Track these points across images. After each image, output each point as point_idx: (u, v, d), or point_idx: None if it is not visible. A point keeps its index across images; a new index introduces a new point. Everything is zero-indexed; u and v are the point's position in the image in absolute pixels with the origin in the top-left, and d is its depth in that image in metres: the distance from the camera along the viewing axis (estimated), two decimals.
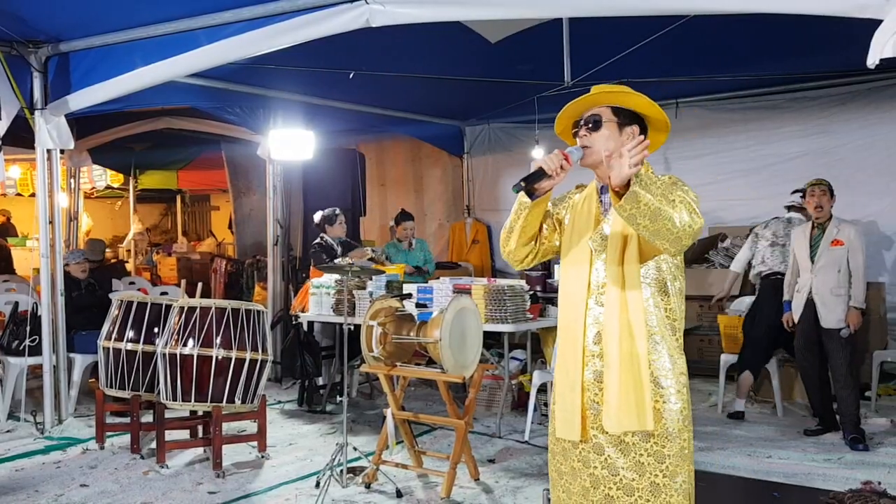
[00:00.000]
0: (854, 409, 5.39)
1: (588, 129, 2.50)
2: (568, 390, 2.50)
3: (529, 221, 2.50)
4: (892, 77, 6.97)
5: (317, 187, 8.82)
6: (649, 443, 2.42)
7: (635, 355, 2.42)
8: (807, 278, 5.52)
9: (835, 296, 5.40)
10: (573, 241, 2.55)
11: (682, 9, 4.04)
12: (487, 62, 6.98)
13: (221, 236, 15.23)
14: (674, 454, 2.44)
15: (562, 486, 2.56)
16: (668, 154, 8.52)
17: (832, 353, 5.42)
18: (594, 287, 2.49)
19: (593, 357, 2.47)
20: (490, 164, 10.01)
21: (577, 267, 2.53)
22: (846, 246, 5.38)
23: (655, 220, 2.21)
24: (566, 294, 2.56)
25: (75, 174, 10.81)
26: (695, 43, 6.18)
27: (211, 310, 4.92)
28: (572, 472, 2.52)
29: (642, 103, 2.53)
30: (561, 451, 2.55)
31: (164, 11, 5.20)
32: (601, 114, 2.50)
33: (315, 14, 4.66)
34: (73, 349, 6.26)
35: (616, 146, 2.44)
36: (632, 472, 2.42)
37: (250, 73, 6.72)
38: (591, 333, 2.48)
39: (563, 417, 2.50)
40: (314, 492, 4.45)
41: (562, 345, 2.56)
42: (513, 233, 2.53)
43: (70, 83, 5.91)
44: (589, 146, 2.48)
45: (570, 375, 2.50)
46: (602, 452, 2.46)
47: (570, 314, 2.53)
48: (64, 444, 5.55)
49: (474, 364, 4.56)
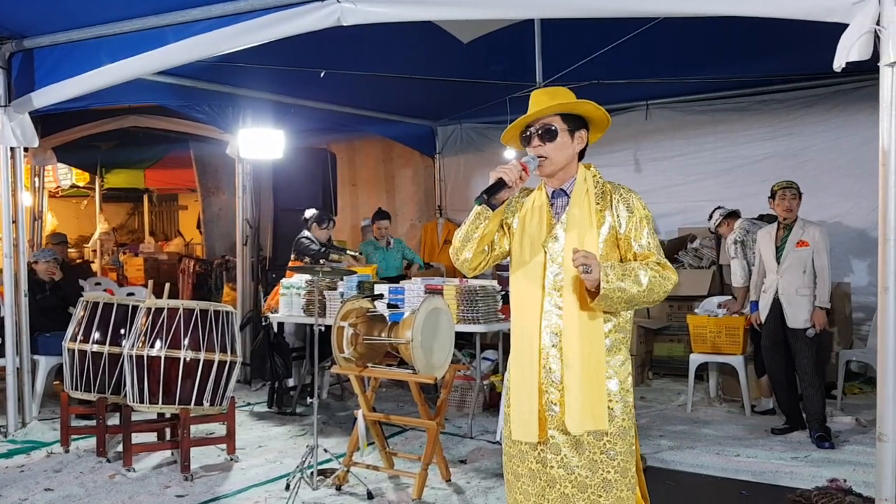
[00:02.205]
0: (820, 408, 5.47)
1: (541, 138, 2.54)
2: (525, 393, 2.53)
3: (489, 230, 2.55)
4: (858, 80, 7.08)
5: (287, 187, 8.76)
6: (602, 441, 2.50)
7: (594, 356, 2.49)
8: (773, 279, 5.59)
9: (800, 296, 5.47)
10: (525, 246, 2.59)
11: (652, 11, 4.07)
12: (460, 62, 6.98)
13: (189, 236, 15.07)
14: (624, 451, 2.53)
15: (519, 489, 2.60)
16: (638, 155, 8.61)
17: (798, 352, 5.49)
18: (549, 290, 2.52)
19: (549, 359, 2.51)
20: (462, 164, 10.01)
21: (530, 271, 2.57)
22: (811, 247, 5.46)
23: (630, 304, 2.46)
24: (520, 297, 2.60)
25: (39, 173, 10.65)
26: (665, 45, 6.24)
27: (179, 311, 4.86)
28: (531, 474, 2.57)
29: (590, 109, 2.59)
30: (518, 453, 2.60)
31: (131, 8, 5.13)
32: (553, 123, 2.55)
33: (286, 12, 4.62)
34: (37, 351, 6.16)
35: (569, 153, 2.56)
36: (585, 469, 2.50)
37: (219, 71, 6.66)
38: (547, 336, 2.52)
39: (521, 420, 2.54)
40: (284, 494, 4.41)
41: (517, 348, 2.59)
42: (469, 242, 2.56)
43: (34, 80, 5.81)
44: (544, 156, 2.54)
45: (527, 378, 2.54)
46: (559, 452, 2.51)
47: (524, 317, 2.57)
48: (28, 448, 5.45)
49: (446, 365, 4.55)
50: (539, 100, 2.55)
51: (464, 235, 2.58)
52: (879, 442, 3.28)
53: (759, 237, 5.79)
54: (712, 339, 6.35)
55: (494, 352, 6.59)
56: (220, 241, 11.35)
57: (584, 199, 2.55)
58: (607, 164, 7.87)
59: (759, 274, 5.81)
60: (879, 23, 3.18)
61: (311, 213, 7.08)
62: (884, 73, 3.24)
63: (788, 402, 5.71)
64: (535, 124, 2.55)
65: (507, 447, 2.65)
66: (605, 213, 2.54)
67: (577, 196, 2.55)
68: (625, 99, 8.21)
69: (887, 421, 3.26)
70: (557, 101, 2.54)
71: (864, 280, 7.31)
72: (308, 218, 7.04)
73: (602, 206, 2.55)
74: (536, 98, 2.57)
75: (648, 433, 5.69)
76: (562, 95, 2.57)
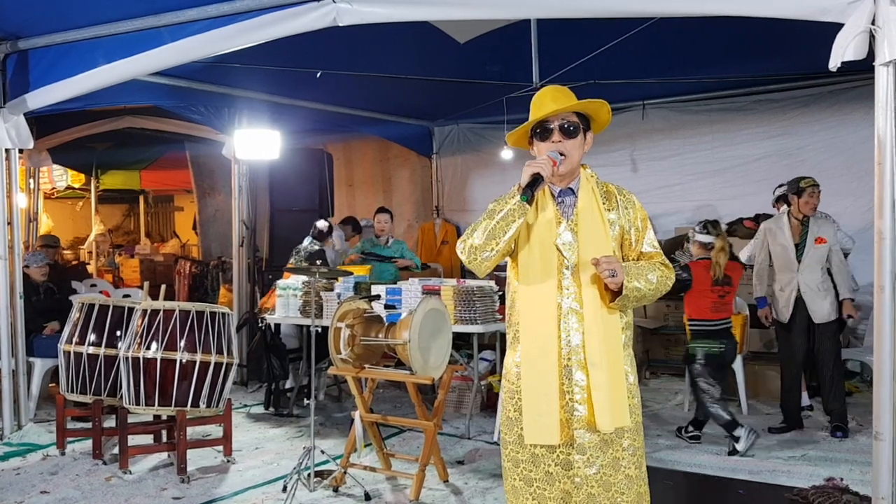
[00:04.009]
0: (843, 402, 5.56)
1: (564, 133, 2.52)
2: (542, 395, 2.49)
3: (518, 228, 2.47)
4: (854, 80, 7.09)
5: (283, 188, 8.75)
6: (623, 438, 2.51)
7: (615, 353, 2.50)
8: (791, 277, 5.56)
9: (823, 290, 5.51)
10: (534, 246, 2.54)
11: (648, 11, 4.07)
12: (456, 63, 6.98)
13: (185, 237, 15.03)
14: (640, 446, 2.57)
15: (531, 494, 2.55)
16: (634, 155, 8.61)
17: (823, 347, 5.53)
18: (566, 289, 2.50)
19: (571, 359, 2.49)
20: (459, 164, 10.01)
21: (543, 270, 2.53)
22: (828, 244, 5.51)
23: (640, 302, 2.56)
24: (533, 297, 2.54)
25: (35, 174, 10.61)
26: (661, 45, 6.24)
27: (175, 312, 4.84)
28: (547, 478, 2.52)
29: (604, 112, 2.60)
30: (531, 457, 2.55)
31: (127, 8, 5.12)
32: (576, 120, 2.54)
33: (282, 12, 4.62)
34: (33, 353, 6.15)
35: (582, 153, 2.57)
36: (609, 468, 2.50)
37: (215, 72, 6.64)
38: (566, 336, 2.49)
39: (538, 422, 2.49)
40: (281, 496, 4.40)
41: (530, 350, 2.53)
42: (494, 241, 2.43)
43: (29, 81, 5.80)
44: (566, 154, 2.51)
45: (545, 379, 2.49)
46: (585, 452, 2.49)
47: (539, 317, 2.52)
48: (24, 451, 5.43)
49: (443, 365, 4.54)
50: (555, 97, 2.53)
51: (489, 233, 2.43)
52: (876, 441, 3.29)
53: (772, 232, 5.71)
54: None
55: (492, 352, 6.59)
56: (216, 242, 11.33)
57: (591, 197, 2.55)
58: (604, 164, 7.90)
59: (764, 269, 5.77)
60: (875, 22, 3.19)
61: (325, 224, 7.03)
62: (879, 73, 3.24)
63: (797, 400, 5.74)
64: (557, 119, 2.52)
65: (513, 453, 2.58)
66: (613, 213, 2.57)
67: (584, 194, 2.55)
68: (621, 99, 8.22)
69: (884, 420, 3.26)
70: (572, 99, 2.53)
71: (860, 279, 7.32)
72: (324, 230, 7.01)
73: (609, 206, 2.57)
74: (551, 95, 2.54)
75: (646, 432, 5.60)
76: (572, 95, 2.57)
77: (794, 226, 5.61)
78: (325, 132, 9.43)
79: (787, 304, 5.61)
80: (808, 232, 5.54)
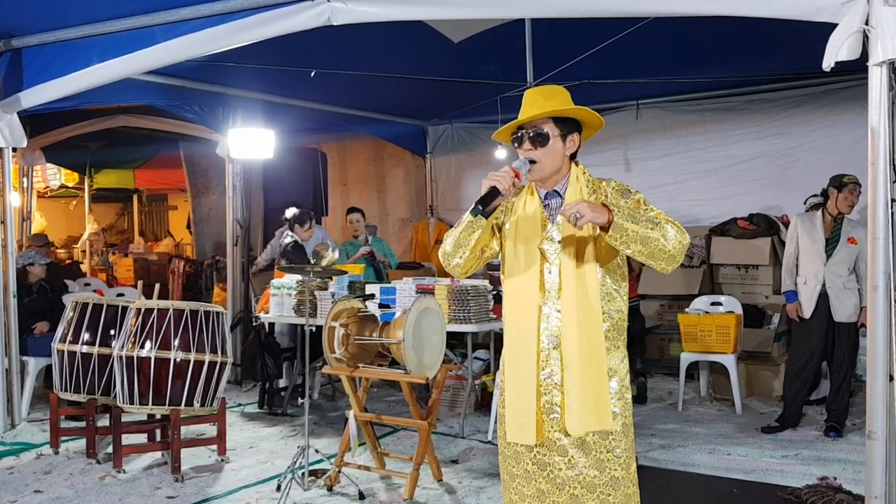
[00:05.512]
0: (847, 403, 5.58)
1: (533, 142, 2.50)
2: (521, 395, 2.51)
3: (482, 238, 2.53)
4: (847, 80, 7.10)
5: (278, 187, 8.75)
6: (607, 440, 2.50)
7: (594, 357, 2.47)
8: (817, 269, 5.53)
9: (847, 289, 5.49)
10: (519, 249, 2.55)
11: (642, 11, 4.08)
12: (450, 62, 6.98)
13: (179, 236, 15.00)
14: (628, 448, 2.53)
15: (514, 489, 2.60)
16: (628, 155, 8.62)
17: (841, 345, 5.51)
18: (548, 291, 2.50)
19: (549, 361, 2.49)
20: (453, 164, 10.00)
21: (526, 274, 2.53)
22: (858, 246, 5.48)
23: (646, 243, 2.35)
24: (516, 298, 2.56)
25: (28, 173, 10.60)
26: (655, 45, 6.25)
27: (169, 311, 4.83)
28: (525, 476, 2.56)
29: (585, 116, 2.55)
30: (513, 454, 2.58)
31: (121, 7, 5.11)
32: (545, 127, 2.50)
33: (275, 11, 4.61)
34: (27, 352, 6.13)
35: (559, 158, 2.51)
36: (593, 469, 2.49)
37: (209, 71, 6.63)
38: (546, 338, 2.50)
39: (517, 422, 2.51)
40: (275, 495, 4.40)
41: (512, 349, 2.56)
42: (461, 248, 2.53)
43: (23, 80, 5.78)
44: (536, 161, 2.50)
45: (524, 380, 2.51)
46: (566, 454, 2.49)
47: (521, 318, 2.54)
48: (17, 450, 5.41)
49: (437, 364, 4.54)
50: (533, 101, 2.50)
51: (455, 242, 2.54)
52: (869, 440, 3.30)
53: (802, 226, 5.67)
54: (703, 338, 6.37)
55: (486, 351, 6.59)
56: (210, 241, 11.31)
57: (578, 198, 2.52)
58: (598, 163, 7.90)
59: (793, 262, 5.73)
60: (868, 22, 3.20)
61: (291, 212, 7.03)
62: (872, 73, 3.25)
63: (802, 398, 5.75)
64: (527, 127, 2.50)
65: (502, 447, 2.63)
66: None
67: (570, 196, 2.51)
68: (615, 99, 8.22)
69: (877, 419, 3.27)
70: (552, 102, 2.49)
71: None
72: (289, 218, 7.00)
73: (596, 200, 2.51)
74: (530, 99, 2.52)
75: (640, 432, 5.68)
76: (557, 95, 2.53)
77: (826, 222, 5.59)
78: (319, 131, 9.42)
79: (811, 299, 5.56)
80: (842, 230, 5.51)
